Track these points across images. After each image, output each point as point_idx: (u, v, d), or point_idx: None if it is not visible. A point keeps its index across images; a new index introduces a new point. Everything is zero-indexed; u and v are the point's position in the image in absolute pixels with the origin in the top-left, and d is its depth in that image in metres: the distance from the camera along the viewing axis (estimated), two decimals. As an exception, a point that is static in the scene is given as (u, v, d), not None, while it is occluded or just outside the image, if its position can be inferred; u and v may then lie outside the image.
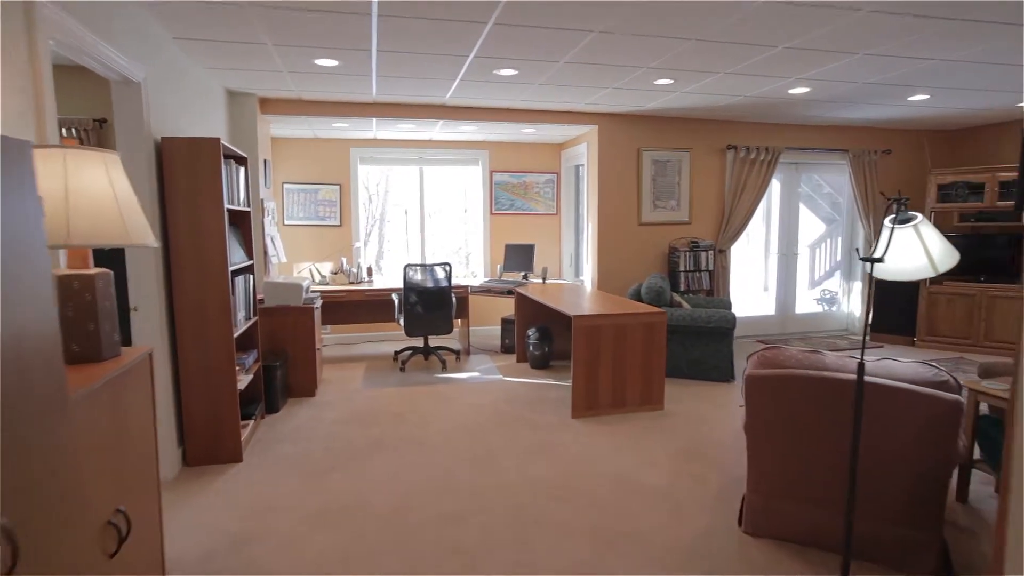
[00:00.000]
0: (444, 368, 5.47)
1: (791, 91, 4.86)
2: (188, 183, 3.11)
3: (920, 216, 2.05)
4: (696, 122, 6.19)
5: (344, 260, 6.15)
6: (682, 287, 6.13)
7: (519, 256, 6.25)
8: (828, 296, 7.47)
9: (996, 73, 4.30)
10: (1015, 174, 5.74)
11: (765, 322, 6.87)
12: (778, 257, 6.87)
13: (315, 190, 6.45)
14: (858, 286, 6.99)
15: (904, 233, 2.02)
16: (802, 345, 6.40)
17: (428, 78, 4.41)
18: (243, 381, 3.55)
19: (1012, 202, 5.76)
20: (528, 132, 6.26)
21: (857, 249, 2.00)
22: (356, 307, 6.20)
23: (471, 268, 7.28)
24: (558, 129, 6.09)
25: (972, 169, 5.95)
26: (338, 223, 6.54)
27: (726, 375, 4.98)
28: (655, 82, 4.54)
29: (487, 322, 7.09)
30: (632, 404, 4.23)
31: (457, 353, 5.86)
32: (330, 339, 6.64)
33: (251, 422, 3.72)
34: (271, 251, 5.09)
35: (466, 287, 5.92)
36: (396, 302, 5.52)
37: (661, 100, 5.23)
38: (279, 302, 4.47)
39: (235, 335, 3.35)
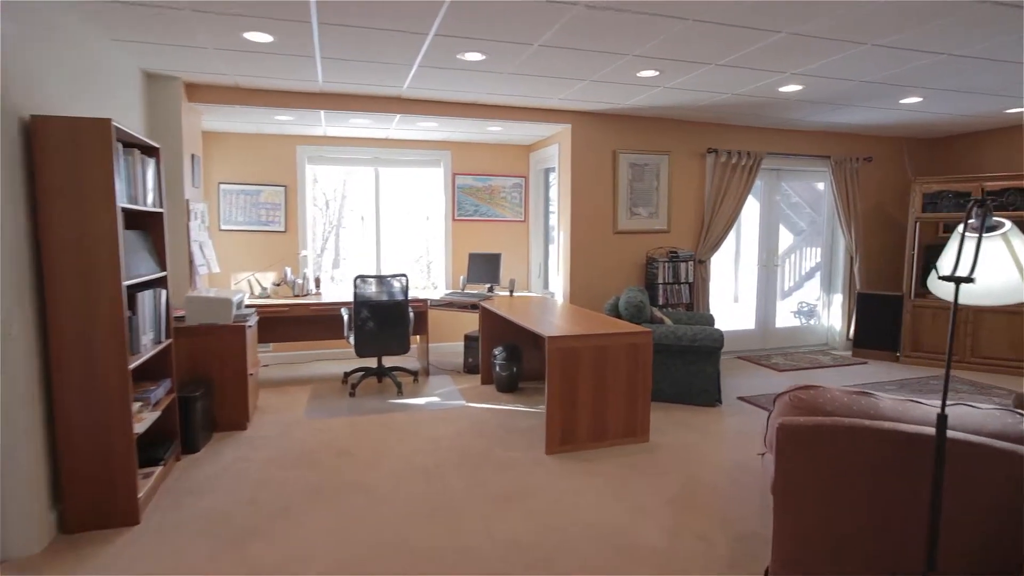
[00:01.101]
0: (400, 392, 4.86)
1: (782, 89, 4.48)
2: (68, 175, 2.45)
3: (1009, 223, 1.60)
4: (676, 123, 5.79)
5: (288, 270, 5.49)
6: (661, 300, 5.69)
7: (484, 266, 5.70)
8: (806, 309, 7.16)
9: (995, 73, 4.00)
10: (1002, 183, 5.52)
11: (746, 337, 6.49)
12: (758, 268, 6.51)
13: (256, 191, 5.77)
14: (838, 299, 6.70)
15: (991, 245, 1.56)
16: (782, 360, 6.04)
17: (382, 62, 3.84)
18: (146, 420, 2.88)
19: (999, 212, 5.53)
20: (494, 131, 5.74)
21: (935, 266, 1.50)
22: (302, 323, 5.53)
23: (432, 279, 6.69)
24: (527, 128, 5.59)
25: (958, 178, 5.72)
26: (283, 229, 5.87)
27: (712, 399, 4.53)
28: (638, 74, 4.08)
29: (449, 338, 6.51)
30: (614, 436, 3.72)
31: (415, 374, 5.26)
32: (272, 359, 5.94)
33: (158, 468, 3.04)
34: (199, 260, 4.41)
35: (425, 301, 5.33)
36: (345, 318, 4.89)
37: (642, 97, 4.78)
38: (204, 320, 3.80)
39: (136, 363, 2.69)
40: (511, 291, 5.61)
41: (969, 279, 1.50)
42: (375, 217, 6.32)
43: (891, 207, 6.82)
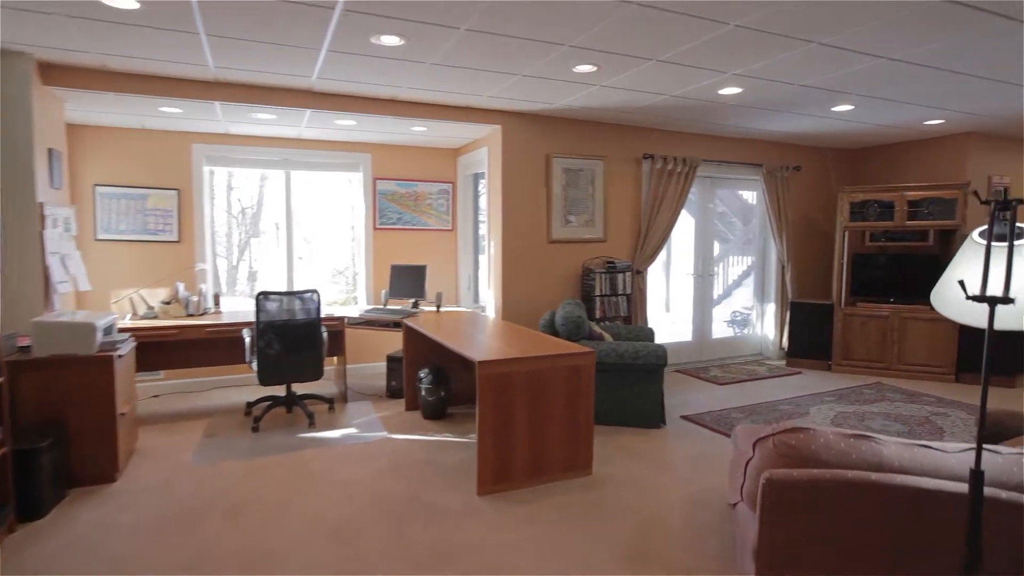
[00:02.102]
0: (312, 424, 4.26)
1: (721, 91, 4.28)
2: None
3: (1041, 231, 1.32)
4: (611, 127, 5.52)
5: (182, 286, 4.76)
6: (598, 314, 5.38)
7: (408, 280, 5.20)
8: (740, 318, 7.11)
9: (926, 82, 3.96)
10: (923, 193, 5.62)
11: (682, 349, 6.31)
12: (693, 279, 6.36)
13: (142, 196, 5.00)
14: (771, 308, 6.66)
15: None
16: (720, 373, 5.89)
17: (284, 45, 3.29)
18: (-43, 489, 2.20)
19: (920, 222, 5.63)
20: (419, 132, 5.27)
21: (962, 282, 1.18)
22: (199, 346, 4.81)
23: (357, 294, 6.10)
24: (454, 129, 5.16)
25: (881, 188, 5.78)
26: (175, 238, 5.12)
27: (656, 420, 4.24)
28: (575, 69, 3.74)
29: (371, 358, 5.94)
30: (554, 470, 3.32)
31: (331, 402, 4.67)
32: (164, 388, 5.16)
33: (-21, 548, 2.36)
34: (58, 276, 3.66)
35: (342, 319, 4.76)
36: (247, 341, 4.25)
37: (577, 96, 4.46)
38: (57, 350, 3.10)
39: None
40: (438, 306, 5.13)
41: (1007, 299, 1.19)
42: (286, 226, 5.67)
43: (818, 216, 6.88)
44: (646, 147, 5.70)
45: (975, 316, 1.42)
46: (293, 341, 4.18)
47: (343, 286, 6.50)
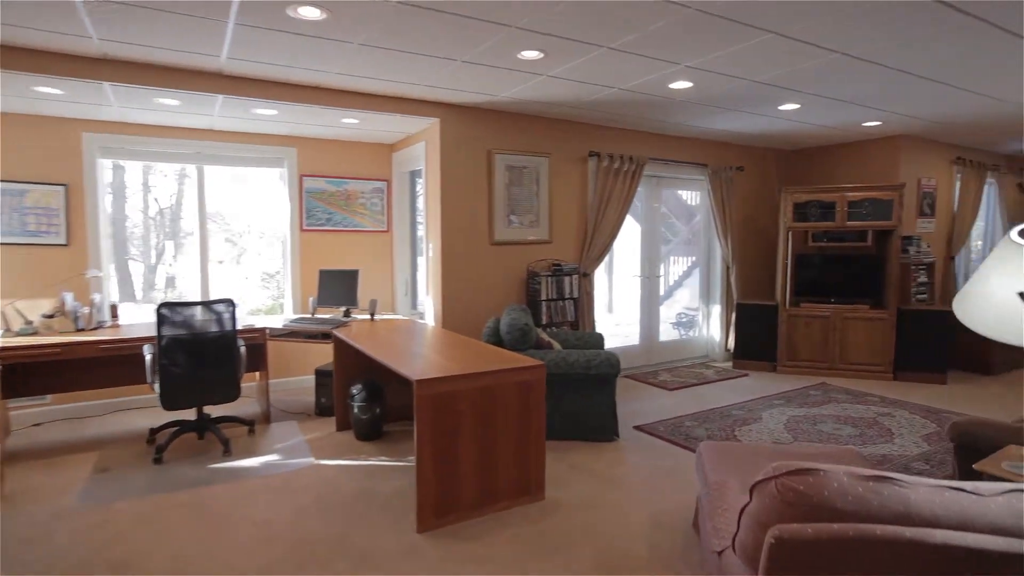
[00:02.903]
0: (227, 452, 3.75)
1: (672, 85, 4.08)
2: None
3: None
4: (557, 123, 5.26)
5: (69, 296, 4.12)
6: (544, 319, 5.10)
7: (338, 286, 4.74)
8: (686, 320, 7.02)
9: (873, 80, 3.90)
10: (862, 194, 5.66)
11: (630, 353, 6.13)
12: (640, 280, 6.19)
13: (20, 192, 4.31)
14: (717, 309, 6.60)
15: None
16: (669, 377, 5.74)
17: (182, 14, 2.81)
18: None
19: (860, 222, 5.67)
20: (349, 125, 4.82)
21: (1022, 294, 0.93)
22: (91, 366, 4.19)
23: (284, 300, 5.56)
24: (389, 122, 4.74)
25: (822, 188, 5.79)
26: (63, 241, 4.45)
27: (609, 432, 3.99)
28: (520, 55, 3.43)
29: (298, 371, 5.42)
30: (505, 497, 2.99)
31: (251, 424, 4.16)
32: (52, 414, 4.47)
33: None
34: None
35: (263, 330, 4.26)
36: (147, 360, 3.68)
37: (521, 87, 4.15)
38: None
39: None
40: (372, 314, 4.70)
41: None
42: (199, 227, 5.08)
43: (761, 217, 6.88)
44: (593, 144, 5.47)
45: (987, 327, 1.19)
46: (203, 358, 3.66)
47: (275, 291, 5.94)
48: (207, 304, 3.66)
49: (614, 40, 3.18)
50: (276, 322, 4.53)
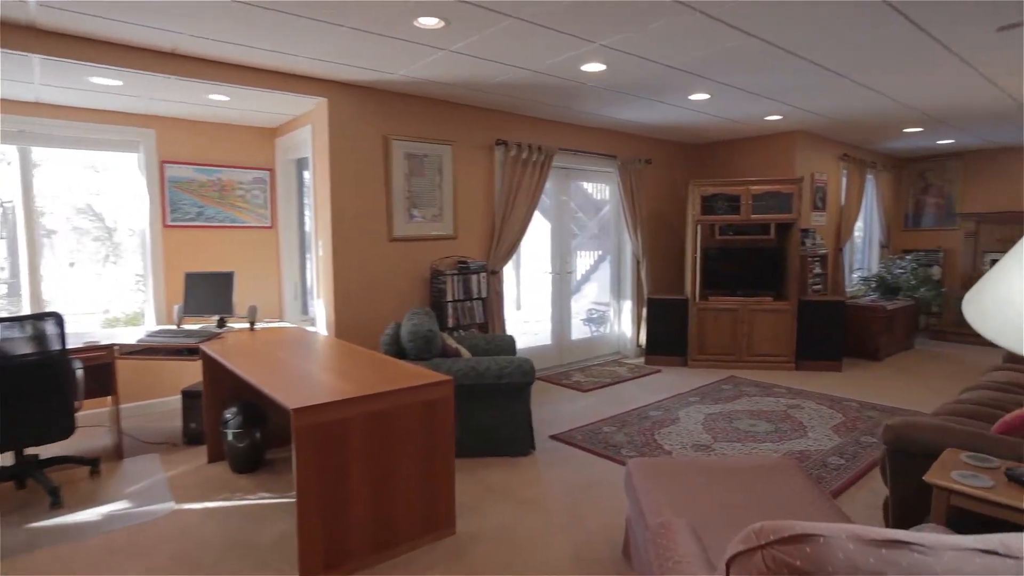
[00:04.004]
0: (56, 505, 3.01)
1: (584, 67, 3.79)
2: None
3: None
4: (461, 108, 4.84)
5: None
6: (451, 322, 4.68)
7: (210, 291, 4.06)
8: (596, 316, 6.86)
9: (784, 71, 3.83)
10: (765, 188, 5.72)
11: (542, 354, 5.86)
12: (551, 277, 5.93)
13: None
14: (628, 305, 6.48)
15: None
16: (583, 378, 5.53)
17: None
18: None
19: (763, 215, 5.73)
20: (220, 103, 4.14)
21: None
22: None
23: (145, 308, 4.74)
24: (268, 101, 4.12)
25: (728, 181, 5.80)
26: None
27: (524, 446, 3.65)
28: (417, 23, 2.98)
29: (163, 392, 4.65)
30: (409, 536, 2.56)
31: (94, 463, 3.40)
32: None
33: None
34: None
35: (111, 347, 3.51)
36: (-59, 392, 2.87)
37: (420, 63, 3.70)
38: None
39: None
40: (252, 323, 4.06)
41: None
42: (25, 221, 4.17)
43: (669, 211, 6.85)
44: (500, 132, 5.11)
45: (996, 334, 0.94)
46: (20, 386, 2.91)
47: (133, 301, 5.07)
48: (25, 319, 2.91)
49: (524, 8, 2.81)
50: (132, 336, 3.78)
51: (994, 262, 7.55)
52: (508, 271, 5.53)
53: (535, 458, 3.61)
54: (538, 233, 5.89)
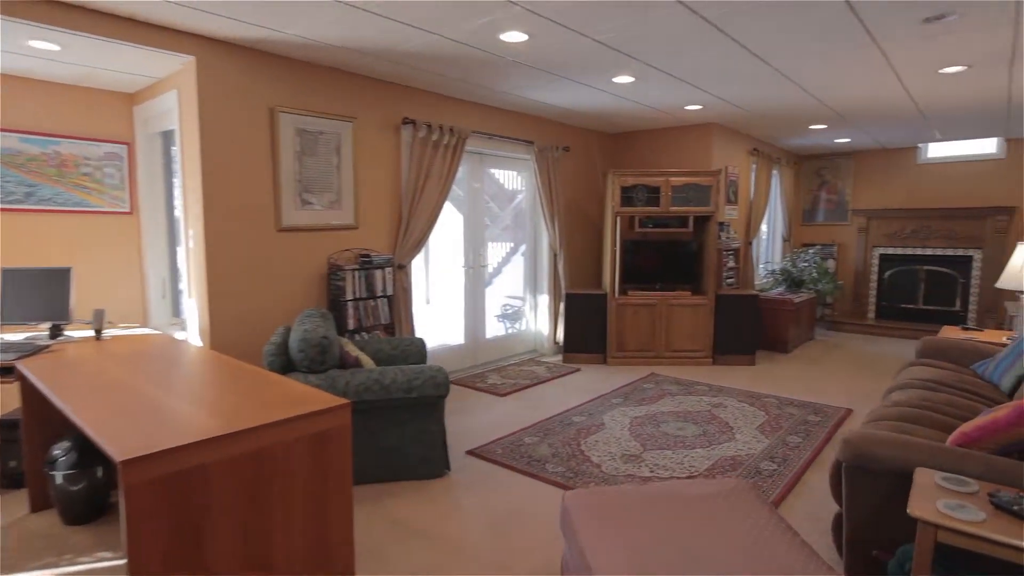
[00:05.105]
0: None
1: (504, 36, 3.35)
2: None
3: None
4: (362, 80, 4.25)
5: None
6: (351, 324, 4.11)
7: (38, 292, 3.23)
8: (511, 311, 6.50)
9: (712, 53, 3.61)
10: (684, 179, 5.58)
11: (455, 354, 5.41)
12: (464, 271, 5.48)
13: None
14: (545, 300, 6.16)
15: None
16: (499, 380, 5.14)
17: None
18: None
19: (683, 207, 5.59)
20: (49, 54, 3.30)
21: None
22: None
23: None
24: (119, 57, 3.33)
25: (647, 172, 5.61)
26: None
27: (438, 467, 3.19)
28: (300, -42, 2.40)
29: (-13, 415, 3.72)
30: (294, 605, 2.03)
31: None
32: None
33: None
34: None
35: None
36: None
37: (313, 20, 3.10)
38: None
39: None
40: (98, 331, 3.28)
41: None
42: None
43: (587, 202, 6.60)
44: (408, 110, 4.57)
45: None
46: None
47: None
48: None
49: (436, -50, 2.33)
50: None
51: (883, 256, 7.95)
52: (418, 265, 5.02)
53: (451, 480, 3.16)
54: (450, 224, 5.42)
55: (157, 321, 4.31)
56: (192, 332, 3.72)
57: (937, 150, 7.65)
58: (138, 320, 4.34)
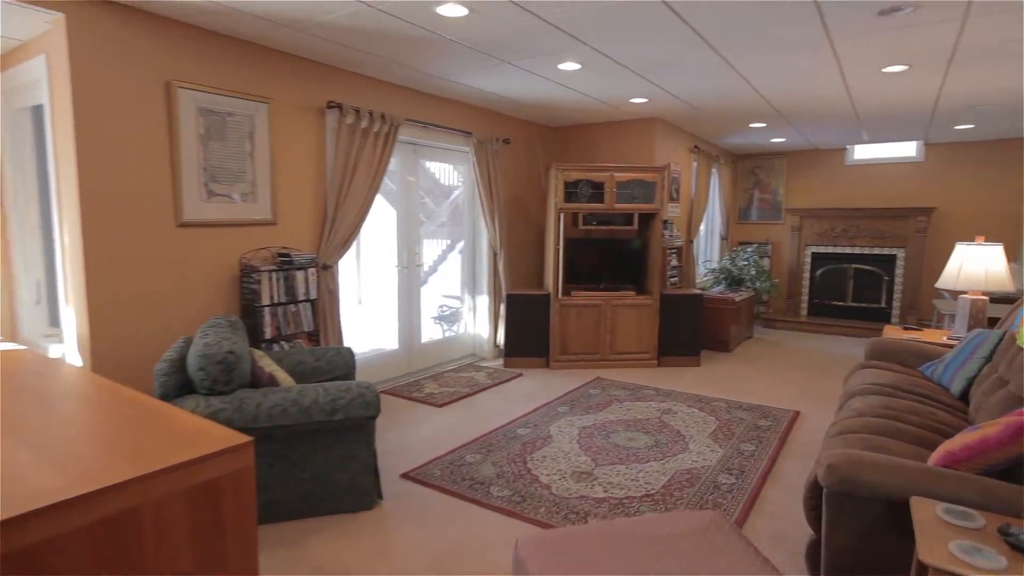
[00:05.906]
0: None
1: (441, 10, 2.98)
2: None
3: None
4: (280, 56, 3.75)
5: None
6: (268, 333, 3.63)
7: None
8: (448, 312, 6.13)
9: (661, 37, 3.38)
10: (629, 175, 5.38)
11: (388, 362, 4.98)
12: (398, 271, 5.05)
13: None
14: (484, 301, 5.83)
15: None
16: (437, 388, 4.77)
17: None
18: None
19: (628, 204, 5.40)
20: None
21: None
22: None
23: None
24: (-40, 9, 2.72)
25: (592, 167, 5.37)
26: None
27: (367, 496, 2.80)
28: None
29: None
30: None
31: None
32: None
33: None
34: None
35: None
36: None
37: (208, -24, 2.62)
38: None
39: None
40: (-61, 348, 2.67)
41: None
42: None
43: (529, 198, 6.31)
44: (332, 93, 4.10)
45: None
46: None
47: None
48: None
49: None
50: None
51: (815, 255, 8.09)
52: (348, 265, 4.57)
53: (383, 512, 2.78)
54: (381, 220, 4.98)
55: (29, 332, 3.66)
56: (70, 346, 3.13)
57: (863, 152, 7.87)
58: (3, 332, 3.67)
